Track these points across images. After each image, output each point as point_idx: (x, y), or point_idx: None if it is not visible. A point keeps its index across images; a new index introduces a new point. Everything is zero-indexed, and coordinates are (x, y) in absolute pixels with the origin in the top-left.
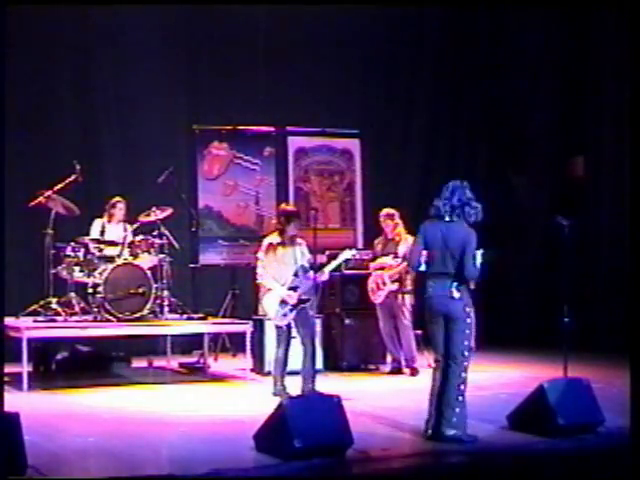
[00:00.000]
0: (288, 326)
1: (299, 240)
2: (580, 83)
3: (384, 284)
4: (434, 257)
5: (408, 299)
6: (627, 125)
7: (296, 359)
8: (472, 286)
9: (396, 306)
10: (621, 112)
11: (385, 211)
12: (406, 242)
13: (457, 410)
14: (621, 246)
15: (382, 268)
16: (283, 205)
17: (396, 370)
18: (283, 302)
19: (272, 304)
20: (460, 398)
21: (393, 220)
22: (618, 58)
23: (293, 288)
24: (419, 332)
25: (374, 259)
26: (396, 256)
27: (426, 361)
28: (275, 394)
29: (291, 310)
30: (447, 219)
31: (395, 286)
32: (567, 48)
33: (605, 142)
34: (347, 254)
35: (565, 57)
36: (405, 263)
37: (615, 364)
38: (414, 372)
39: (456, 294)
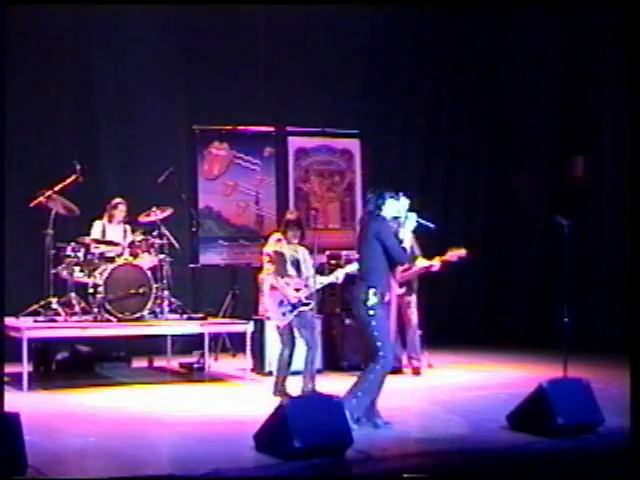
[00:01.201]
0: (290, 327)
1: (301, 248)
2: (580, 83)
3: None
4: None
5: (414, 301)
6: (627, 125)
7: (296, 359)
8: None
9: (403, 308)
10: (621, 112)
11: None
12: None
13: (359, 395)
14: (621, 246)
15: None
16: (287, 212)
17: (396, 370)
18: (282, 302)
19: (272, 304)
20: (365, 386)
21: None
22: (618, 58)
23: (296, 290)
24: (420, 332)
25: None
26: None
27: (426, 361)
28: (275, 394)
29: (290, 311)
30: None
31: (402, 290)
32: (567, 48)
33: (605, 142)
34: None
35: (565, 57)
36: (415, 269)
37: (615, 364)
38: (417, 372)
39: (373, 299)
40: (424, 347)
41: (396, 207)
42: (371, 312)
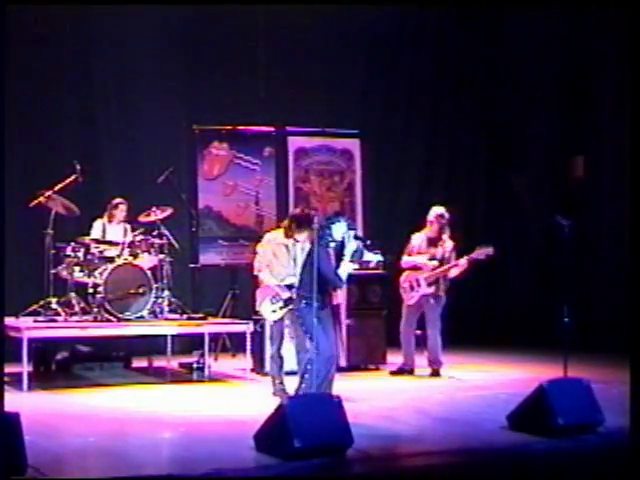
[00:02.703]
0: (280, 324)
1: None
2: (580, 83)
3: (419, 285)
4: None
5: (439, 309)
6: (627, 125)
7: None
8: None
9: (428, 309)
10: (621, 112)
11: (437, 210)
12: (443, 246)
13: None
14: (621, 246)
15: (416, 268)
16: (298, 210)
17: (405, 371)
18: (274, 298)
19: (264, 301)
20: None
21: (440, 221)
22: (618, 58)
23: (289, 286)
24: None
25: (409, 254)
26: (433, 258)
27: (426, 361)
28: (275, 394)
29: (281, 308)
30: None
31: (431, 289)
32: (567, 48)
33: (605, 142)
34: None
35: (565, 57)
36: (443, 267)
37: (615, 364)
38: (436, 373)
39: (303, 306)
40: (421, 347)
41: (341, 230)
42: (302, 316)
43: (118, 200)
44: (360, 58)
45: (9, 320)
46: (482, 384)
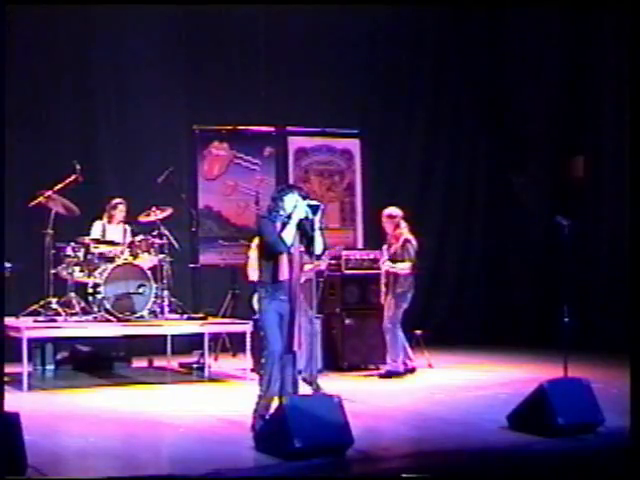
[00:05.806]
0: None
1: None
2: (580, 83)
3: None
4: None
5: (393, 302)
6: (627, 125)
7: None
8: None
9: (385, 308)
10: (621, 112)
11: (385, 211)
12: (397, 243)
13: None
14: (621, 246)
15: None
16: None
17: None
18: None
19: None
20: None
21: (392, 220)
22: (618, 58)
23: None
24: (419, 332)
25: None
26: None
27: (426, 361)
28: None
29: None
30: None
31: (383, 289)
32: (567, 48)
33: (605, 142)
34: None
35: (565, 57)
36: (389, 265)
37: (615, 364)
38: (411, 371)
39: (262, 296)
40: (422, 346)
41: (293, 201)
42: (259, 307)
43: (117, 200)
44: (360, 58)
45: (9, 320)
46: (482, 384)
